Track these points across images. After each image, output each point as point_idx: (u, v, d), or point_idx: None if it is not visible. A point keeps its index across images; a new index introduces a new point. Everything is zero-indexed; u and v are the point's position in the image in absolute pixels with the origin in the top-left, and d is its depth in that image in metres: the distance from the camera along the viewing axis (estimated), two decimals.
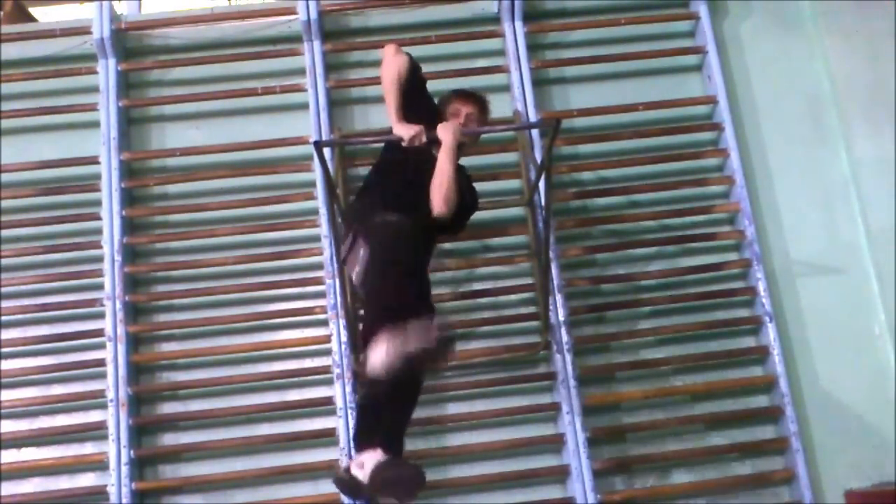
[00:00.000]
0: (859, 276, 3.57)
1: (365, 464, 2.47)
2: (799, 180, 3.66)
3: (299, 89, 3.61)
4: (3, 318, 3.40)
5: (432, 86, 3.12)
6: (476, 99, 3.04)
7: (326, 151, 3.22)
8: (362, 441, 2.60)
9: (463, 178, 2.90)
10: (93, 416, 3.35)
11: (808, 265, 3.58)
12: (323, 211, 3.45)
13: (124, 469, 3.22)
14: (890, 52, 3.72)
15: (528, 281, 3.48)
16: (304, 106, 3.59)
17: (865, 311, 3.54)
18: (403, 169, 2.85)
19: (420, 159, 2.82)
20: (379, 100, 2.86)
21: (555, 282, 3.38)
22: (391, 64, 2.80)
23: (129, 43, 3.73)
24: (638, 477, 3.36)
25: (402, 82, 2.79)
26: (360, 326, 2.64)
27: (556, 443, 3.33)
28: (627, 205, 3.60)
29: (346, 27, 3.77)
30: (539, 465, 3.32)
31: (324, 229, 3.45)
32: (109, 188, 3.49)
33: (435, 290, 2.93)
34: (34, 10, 4.32)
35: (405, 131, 2.74)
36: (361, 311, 3.37)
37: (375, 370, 2.24)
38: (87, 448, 3.33)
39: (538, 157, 3.41)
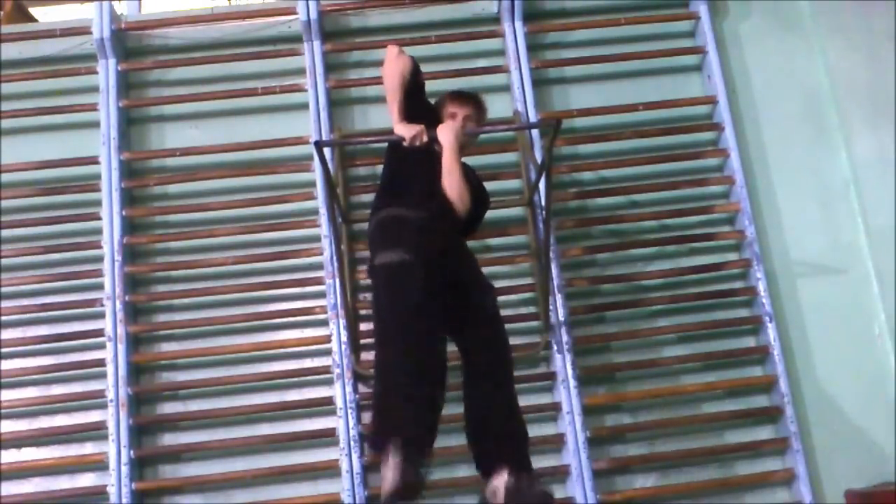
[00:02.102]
0: (859, 276, 3.57)
1: (497, 491, 2.42)
2: (799, 180, 3.66)
3: (299, 89, 3.61)
4: (3, 318, 3.40)
5: (433, 86, 3.12)
6: (472, 100, 3.02)
7: (326, 151, 3.22)
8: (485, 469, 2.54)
9: (472, 176, 2.91)
10: (93, 416, 3.35)
11: (808, 265, 3.58)
12: (323, 211, 3.45)
13: (124, 469, 3.22)
14: (890, 51, 3.72)
15: (528, 281, 3.48)
16: (304, 106, 3.59)
17: (865, 311, 3.54)
18: (415, 175, 2.85)
19: (427, 159, 2.82)
20: (379, 100, 2.87)
21: (555, 282, 3.38)
22: (395, 64, 2.80)
23: (129, 43, 3.74)
24: (638, 477, 3.37)
25: (406, 83, 2.79)
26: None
27: (556, 443, 3.33)
28: (627, 205, 3.60)
29: (346, 27, 3.77)
30: (539, 465, 3.31)
31: (324, 229, 3.45)
32: (109, 188, 3.49)
33: None
34: (34, 10, 4.32)
35: (406, 131, 2.74)
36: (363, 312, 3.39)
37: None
38: (87, 448, 3.33)
39: (538, 157, 3.41)
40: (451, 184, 2.76)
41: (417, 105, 2.88)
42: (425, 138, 2.75)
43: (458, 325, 2.68)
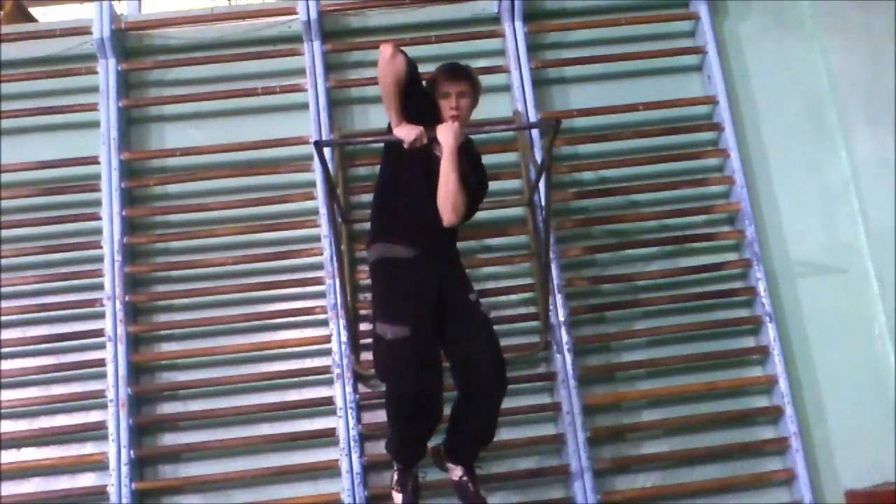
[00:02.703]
0: (859, 276, 3.57)
1: (453, 474, 2.88)
2: (799, 180, 3.67)
3: (299, 89, 3.62)
4: (3, 318, 3.40)
5: None
6: (464, 75, 2.93)
7: (326, 151, 3.22)
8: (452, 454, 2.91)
9: (467, 159, 2.89)
10: (93, 416, 3.35)
11: (808, 265, 3.58)
12: (323, 211, 3.45)
13: (124, 469, 3.22)
14: (890, 51, 3.73)
15: (528, 281, 3.48)
16: (304, 106, 3.60)
17: (865, 311, 3.54)
18: (413, 176, 2.84)
19: (425, 158, 2.81)
20: (379, 100, 2.85)
21: (555, 282, 3.38)
22: (389, 67, 2.78)
23: (129, 43, 3.74)
24: (638, 477, 3.37)
25: (401, 84, 2.78)
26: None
27: (556, 443, 3.33)
28: (627, 205, 3.61)
29: (346, 27, 3.77)
30: (539, 465, 3.33)
31: (324, 229, 3.45)
32: (109, 188, 3.49)
33: None
34: (34, 10, 4.33)
35: (406, 134, 2.73)
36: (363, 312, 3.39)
37: None
38: (87, 448, 3.34)
39: (538, 157, 3.41)
40: (447, 193, 2.73)
41: (414, 103, 2.87)
42: (425, 140, 2.74)
43: (454, 368, 2.82)
